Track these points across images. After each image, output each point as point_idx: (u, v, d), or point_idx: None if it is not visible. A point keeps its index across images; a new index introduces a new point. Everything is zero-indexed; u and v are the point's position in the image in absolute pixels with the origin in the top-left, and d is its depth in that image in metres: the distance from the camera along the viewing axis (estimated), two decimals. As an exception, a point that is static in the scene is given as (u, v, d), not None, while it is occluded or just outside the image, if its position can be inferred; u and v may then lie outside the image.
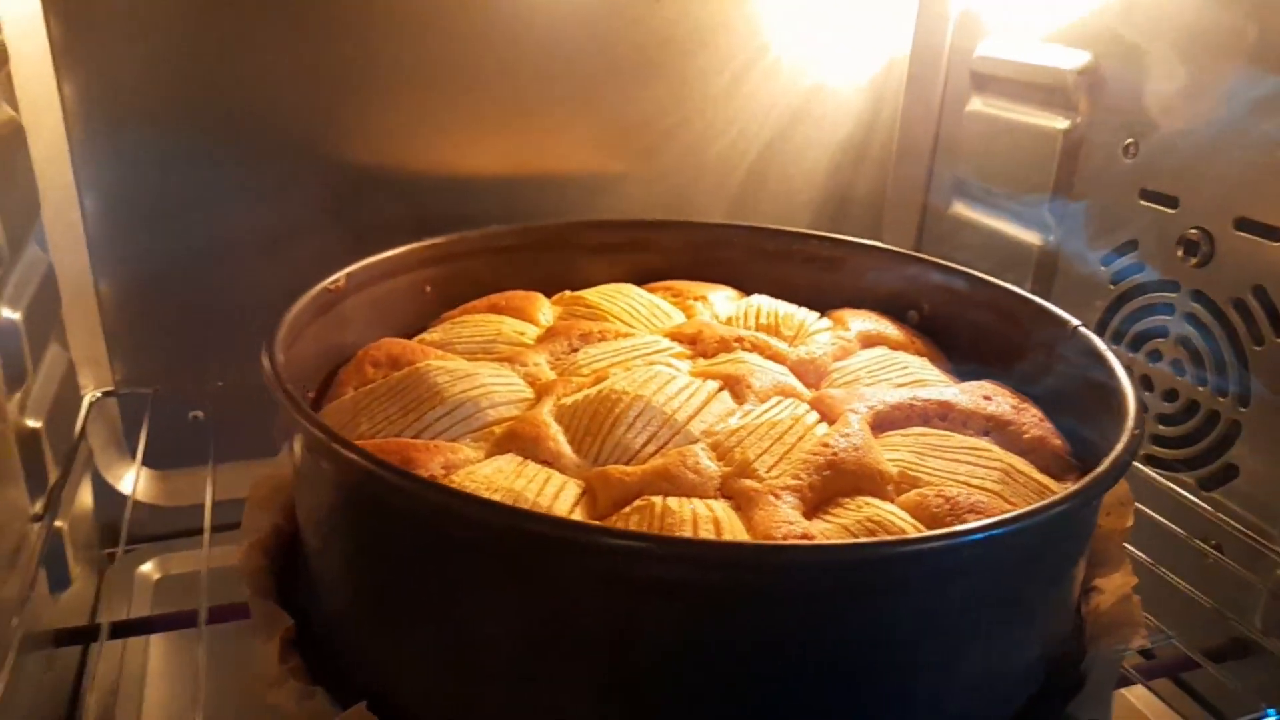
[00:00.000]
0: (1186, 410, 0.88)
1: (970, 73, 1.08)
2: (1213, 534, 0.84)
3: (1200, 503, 0.85)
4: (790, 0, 1.06)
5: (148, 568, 1.00)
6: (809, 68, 1.10)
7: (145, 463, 0.96)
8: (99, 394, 0.97)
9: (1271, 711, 0.65)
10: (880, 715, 0.53)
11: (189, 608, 0.79)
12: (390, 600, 0.56)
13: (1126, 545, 0.71)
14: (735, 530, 0.58)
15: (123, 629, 0.75)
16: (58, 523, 0.79)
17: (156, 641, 0.88)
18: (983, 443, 0.70)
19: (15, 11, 0.82)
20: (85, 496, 0.93)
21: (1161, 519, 0.83)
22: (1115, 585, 0.68)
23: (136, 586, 0.97)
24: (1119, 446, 0.57)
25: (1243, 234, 0.80)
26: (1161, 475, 0.87)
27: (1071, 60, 0.95)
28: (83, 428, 0.90)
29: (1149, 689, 0.77)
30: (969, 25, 1.08)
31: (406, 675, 0.56)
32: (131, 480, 1.02)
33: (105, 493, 1.00)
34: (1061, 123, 0.97)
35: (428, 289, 0.88)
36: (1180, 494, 0.86)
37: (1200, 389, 0.86)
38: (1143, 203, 0.89)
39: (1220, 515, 0.83)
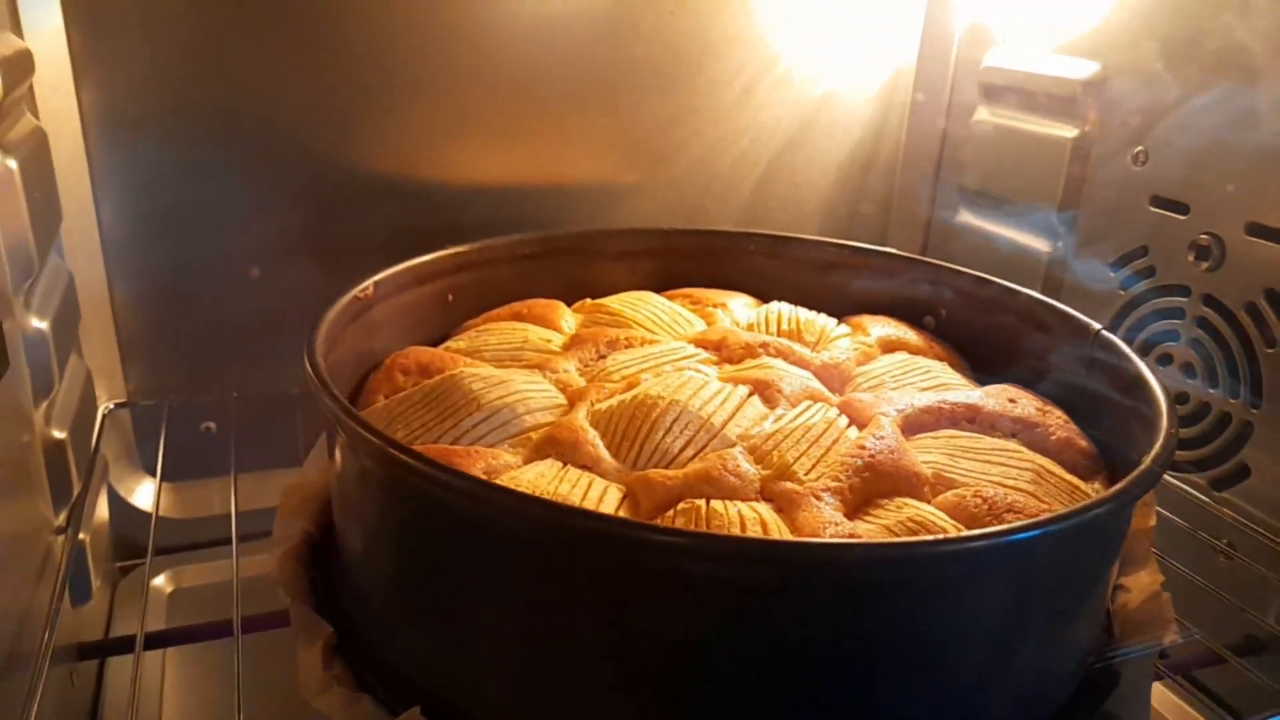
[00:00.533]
0: (1197, 413, 0.89)
1: (978, 83, 1.09)
2: (1225, 534, 0.86)
3: (1213, 503, 0.86)
4: (800, 12, 1.08)
5: (159, 581, 0.99)
6: (818, 78, 1.11)
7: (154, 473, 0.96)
8: (112, 405, 0.96)
9: (1300, 705, 0.67)
10: (932, 711, 0.54)
11: (204, 620, 0.79)
12: (444, 603, 0.56)
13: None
14: (782, 531, 0.58)
15: (157, 640, 0.75)
16: (80, 535, 0.78)
17: (170, 655, 0.87)
18: (1012, 444, 0.71)
19: (38, 22, 0.82)
20: (101, 508, 0.92)
21: (1175, 518, 0.85)
22: (1143, 584, 0.70)
23: (150, 600, 0.96)
24: (1158, 444, 0.59)
25: (1254, 239, 0.82)
26: (1173, 476, 0.89)
27: (1080, 70, 0.97)
28: (98, 439, 0.89)
29: (1179, 683, 0.78)
30: (976, 36, 1.10)
31: (458, 677, 0.56)
32: (142, 492, 1.02)
33: (117, 504, 0.99)
34: (1070, 132, 0.98)
35: (450, 297, 0.88)
36: (1193, 494, 0.87)
37: (1211, 391, 0.88)
38: (1153, 209, 0.91)
39: (1233, 515, 0.84)
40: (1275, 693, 0.69)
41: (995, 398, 0.76)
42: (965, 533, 0.56)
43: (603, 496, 0.61)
